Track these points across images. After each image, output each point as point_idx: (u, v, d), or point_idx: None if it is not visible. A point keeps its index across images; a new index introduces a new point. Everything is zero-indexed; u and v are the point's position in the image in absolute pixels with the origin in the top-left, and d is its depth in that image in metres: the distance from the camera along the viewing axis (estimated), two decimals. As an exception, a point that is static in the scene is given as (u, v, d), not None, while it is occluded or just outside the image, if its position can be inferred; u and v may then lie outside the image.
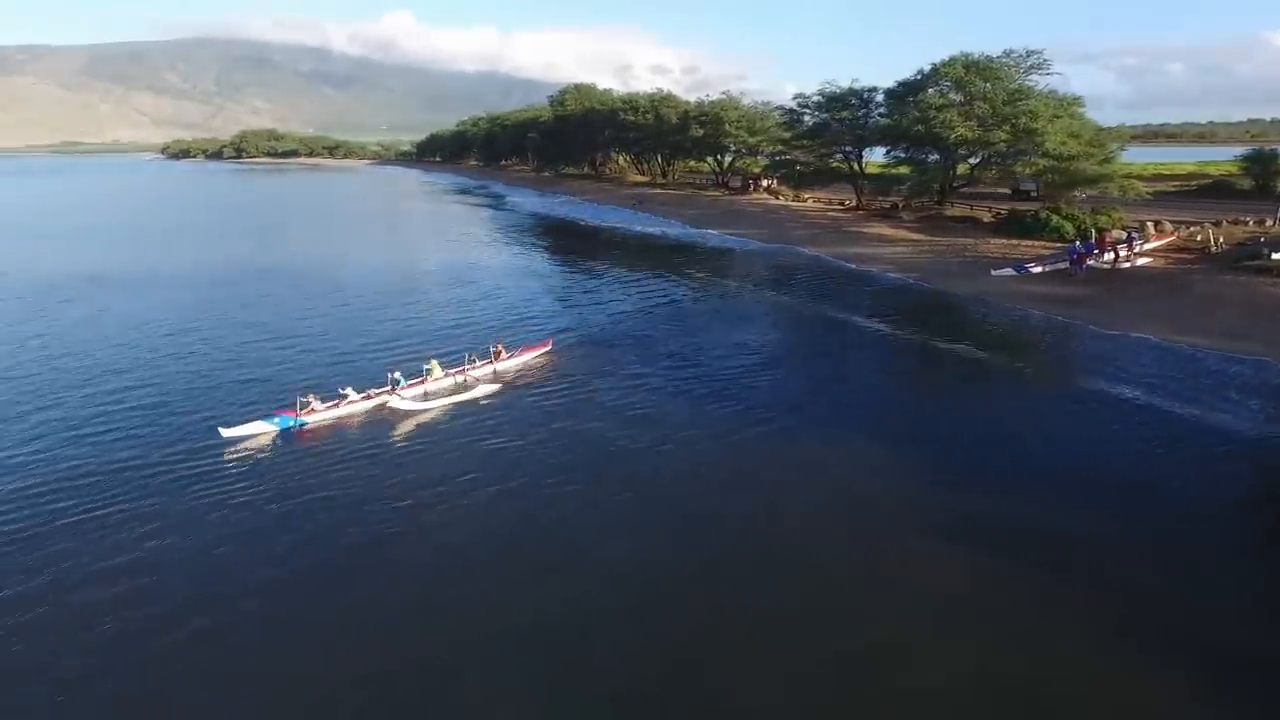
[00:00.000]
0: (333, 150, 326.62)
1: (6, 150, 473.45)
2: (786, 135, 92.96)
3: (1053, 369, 32.84)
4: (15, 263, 62.93)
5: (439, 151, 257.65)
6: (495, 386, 29.16)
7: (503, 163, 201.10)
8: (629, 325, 40.20)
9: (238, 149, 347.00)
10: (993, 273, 48.02)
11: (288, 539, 18.47)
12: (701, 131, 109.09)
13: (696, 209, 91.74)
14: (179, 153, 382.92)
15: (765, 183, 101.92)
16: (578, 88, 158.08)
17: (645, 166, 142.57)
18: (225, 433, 24.03)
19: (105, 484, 21.46)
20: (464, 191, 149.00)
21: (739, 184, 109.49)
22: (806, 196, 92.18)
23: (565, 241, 76.34)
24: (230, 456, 23.23)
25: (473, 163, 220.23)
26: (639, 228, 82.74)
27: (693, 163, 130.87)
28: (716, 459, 23.13)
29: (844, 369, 33.17)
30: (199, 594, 16.34)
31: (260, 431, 24.60)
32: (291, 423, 24.98)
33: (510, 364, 31.47)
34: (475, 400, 28.16)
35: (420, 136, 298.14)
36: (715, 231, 75.97)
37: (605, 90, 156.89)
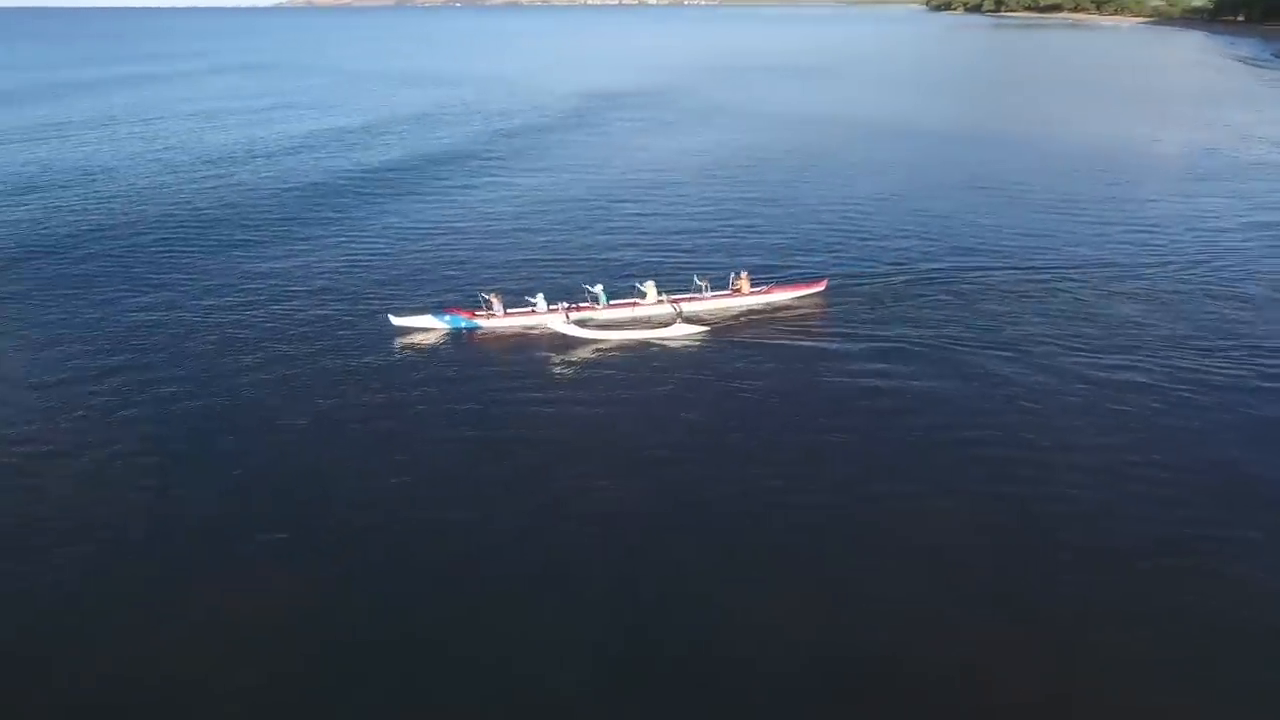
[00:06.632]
0: (1100, 6, 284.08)
1: (801, 4, 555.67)
2: None
3: None
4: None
5: (1244, 8, 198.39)
6: (699, 329, 22.90)
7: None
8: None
9: (997, 2, 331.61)
10: None
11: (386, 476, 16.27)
12: None
13: None
14: (940, 5, 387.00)
15: None
16: None
17: None
18: (395, 321, 22.93)
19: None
20: (1257, 64, 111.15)
21: None
22: None
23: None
24: (399, 346, 22.17)
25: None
26: None
27: None
28: None
29: None
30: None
31: (429, 326, 23.06)
32: (462, 324, 23.13)
33: (753, 301, 24.77)
34: (667, 341, 22.42)
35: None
36: None
37: None
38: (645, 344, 22.21)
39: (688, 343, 22.29)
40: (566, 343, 22.26)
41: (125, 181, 41.71)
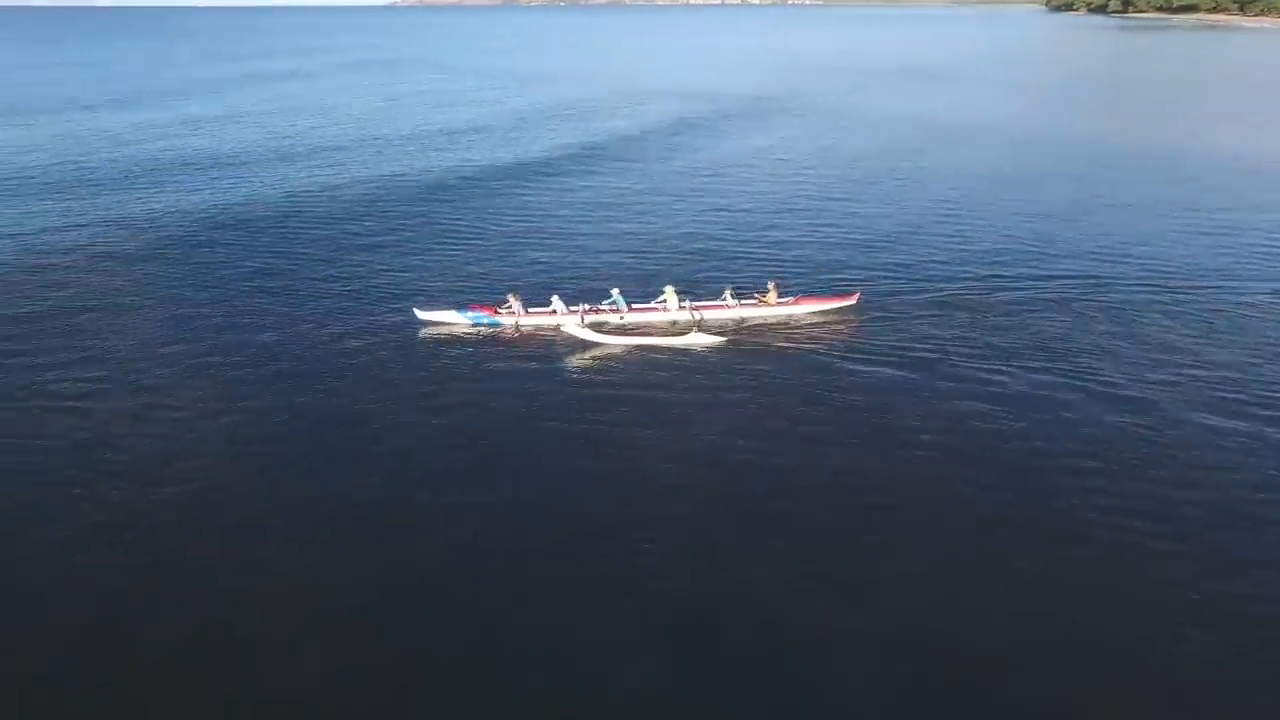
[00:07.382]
0: (1243, 6, 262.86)
1: (912, 4, 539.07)
2: None
3: None
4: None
5: None
6: (719, 338, 22.38)
7: None
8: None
9: (1124, 2, 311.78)
10: None
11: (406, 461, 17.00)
12: None
13: None
14: (1060, 5, 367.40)
15: None
16: None
17: None
18: (420, 314, 23.63)
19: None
20: None
21: None
22: None
23: None
24: (423, 336, 22.92)
25: None
26: None
27: None
28: None
29: None
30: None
31: (453, 322, 23.58)
32: (485, 320, 23.51)
33: (779, 311, 24.16)
34: (685, 349, 21.95)
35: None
36: None
37: None
38: (661, 350, 21.92)
39: (705, 352, 21.81)
40: (583, 345, 22.30)
41: (247, 171, 44.30)
